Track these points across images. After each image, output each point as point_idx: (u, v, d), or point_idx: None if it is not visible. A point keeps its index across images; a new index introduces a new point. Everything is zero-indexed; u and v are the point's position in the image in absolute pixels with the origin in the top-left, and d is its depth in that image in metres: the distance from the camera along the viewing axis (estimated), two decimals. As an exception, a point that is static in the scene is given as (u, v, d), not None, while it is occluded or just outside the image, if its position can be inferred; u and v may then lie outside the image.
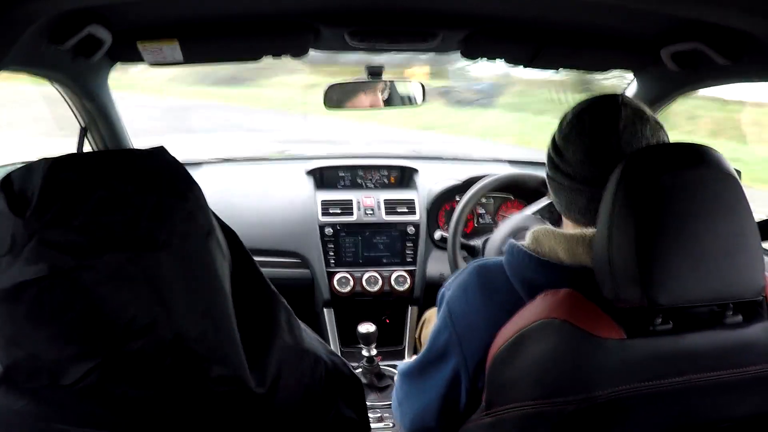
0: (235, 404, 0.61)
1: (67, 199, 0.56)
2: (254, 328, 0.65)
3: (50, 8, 1.04)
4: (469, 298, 0.93)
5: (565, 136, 0.92)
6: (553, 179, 0.95)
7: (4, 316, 0.56)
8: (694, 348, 0.81)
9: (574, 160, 0.91)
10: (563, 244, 0.88)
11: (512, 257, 0.92)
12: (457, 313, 0.94)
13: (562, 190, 0.94)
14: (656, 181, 0.76)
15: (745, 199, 0.79)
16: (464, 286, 0.94)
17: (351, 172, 2.33)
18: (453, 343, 0.93)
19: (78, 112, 1.72)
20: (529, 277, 0.88)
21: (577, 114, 0.93)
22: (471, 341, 0.91)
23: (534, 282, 0.87)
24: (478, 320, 0.91)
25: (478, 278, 0.94)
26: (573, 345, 0.78)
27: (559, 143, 0.94)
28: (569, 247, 0.88)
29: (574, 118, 0.93)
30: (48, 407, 0.56)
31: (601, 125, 0.90)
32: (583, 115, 0.92)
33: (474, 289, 0.93)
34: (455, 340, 0.93)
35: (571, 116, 0.93)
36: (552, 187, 0.97)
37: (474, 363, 0.91)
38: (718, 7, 1.00)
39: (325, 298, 2.09)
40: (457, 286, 0.96)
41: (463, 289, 0.94)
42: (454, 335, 0.93)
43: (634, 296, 0.77)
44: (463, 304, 0.93)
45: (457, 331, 0.93)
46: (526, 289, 0.88)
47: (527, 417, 0.81)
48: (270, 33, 1.43)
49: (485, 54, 1.59)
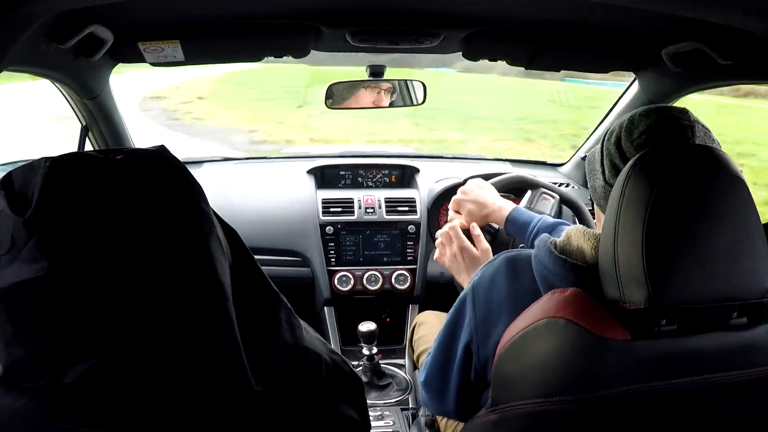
0: (236, 403, 0.61)
1: (68, 199, 0.56)
2: (255, 327, 0.65)
3: (52, 8, 1.04)
4: (495, 287, 0.95)
5: (639, 146, 0.91)
6: (612, 186, 0.93)
7: (4, 315, 0.56)
8: (699, 349, 0.81)
9: None
10: (591, 242, 0.89)
11: (538, 250, 0.93)
12: (480, 298, 0.96)
13: None
14: (663, 182, 0.76)
15: (752, 201, 0.79)
16: (493, 275, 0.97)
17: (352, 171, 2.33)
18: (471, 328, 0.96)
19: (79, 112, 1.72)
20: (545, 273, 0.89)
21: (654, 125, 0.91)
22: (487, 329, 0.93)
23: (548, 277, 0.88)
24: (499, 309, 0.93)
25: (506, 269, 0.96)
26: (578, 345, 0.79)
27: (629, 152, 0.92)
28: (595, 245, 0.89)
29: (649, 129, 0.91)
30: (48, 406, 0.57)
31: (677, 139, 0.89)
32: (660, 126, 0.91)
33: (501, 279, 0.95)
34: (473, 326, 0.96)
35: (645, 126, 0.92)
36: (606, 194, 0.95)
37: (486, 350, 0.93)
38: (719, 7, 1.00)
39: (326, 296, 2.09)
40: (487, 273, 0.98)
41: (491, 278, 0.96)
42: (473, 321, 0.96)
43: (639, 297, 0.77)
44: (488, 292, 0.96)
45: (477, 318, 0.96)
46: (543, 284, 0.89)
47: (531, 415, 0.81)
48: (271, 33, 1.43)
49: (486, 54, 1.59)
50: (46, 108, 7.23)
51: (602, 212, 0.98)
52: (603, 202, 0.97)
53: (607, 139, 0.98)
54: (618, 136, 0.95)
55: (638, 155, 0.81)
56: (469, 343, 0.97)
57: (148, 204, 0.59)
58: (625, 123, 0.95)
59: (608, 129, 0.99)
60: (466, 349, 0.98)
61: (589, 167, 1.03)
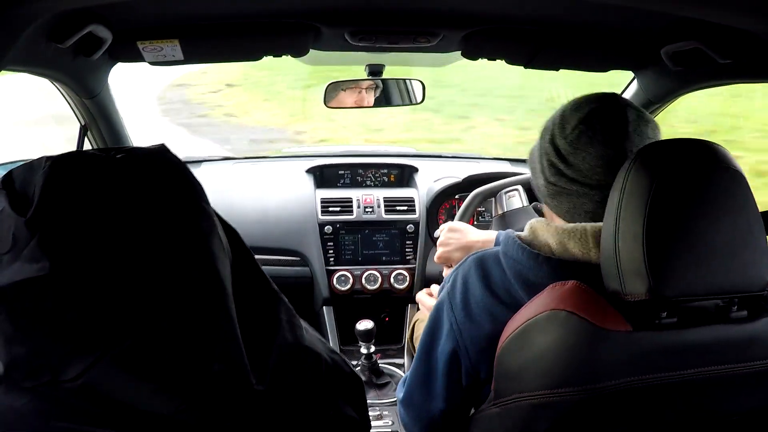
0: (236, 401, 0.62)
1: (69, 198, 0.56)
2: (255, 326, 0.66)
3: (51, 7, 1.04)
4: (468, 288, 0.95)
5: (572, 142, 0.91)
6: (555, 184, 0.94)
7: (5, 314, 0.56)
8: (700, 342, 0.82)
9: (584, 167, 0.90)
10: (555, 237, 0.90)
11: (506, 247, 0.94)
12: (458, 304, 0.95)
13: (566, 195, 0.93)
14: (663, 177, 0.77)
15: (751, 195, 0.80)
16: (465, 277, 0.96)
17: (351, 170, 2.33)
18: (453, 333, 0.95)
19: (78, 111, 1.72)
20: (520, 269, 0.90)
21: (584, 119, 0.91)
22: (471, 331, 0.93)
23: (525, 274, 0.89)
24: (477, 310, 0.93)
25: (476, 269, 0.95)
26: (579, 336, 0.79)
27: (564, 149, 0.92)
28: (560, 239, 0.89)
29: (581, 123, 0.91)
30: (48, 405, 0.57)
31: (612, 131, 0.89)
32: (592, 120, 0.90)
33: (473, 280, 0.95)
34: (456, 330, 0.95)
35: (577, 121, 0.91)
36: (550, 192, 0.96)
37: (475, 351, 0.93)
38: (718, 6, 1.00)
39: (325, 296, 2.09)
40: (459, 277, 0.97)
41: (464, 281, 0.96)
42: (455, 325, 0.95)
43: (640, 289, 0.77)
44: (463, 294, 0.95)
45: (457, 321, 0.95)
46: (519, 281, 0.90)
47: (534, 407, 0.82)
48: (270, 32, 1.43)
49: (486, 54, 1.59)
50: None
51: (550, 210, 0.98)
52: (549, 200, 0.97)
53: (542, 137, 0.97)
54: (552, 133, 0.95)
55: (638, 149, 0.81)
56: (455, 350, 0.95)
57: (149, 203, 0.59)
58: (557, 118, 0.95)
59: (544, 125, 0.98)
60: (452, 357, 0.96)
61: (530, 165, 1.02)
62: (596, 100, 0.93)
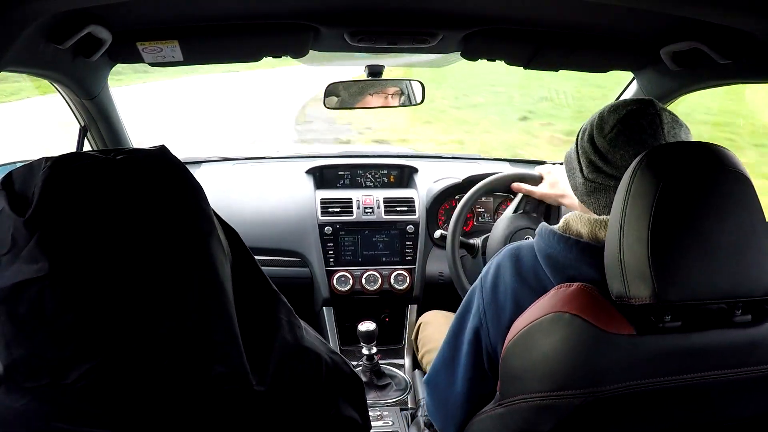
0: (236, 403, 0.61)
1: (68, 199, 0.56)
2: (255, 327, 0.66)
3: (50, 8, 1.04)
4: (500, 274, 0.99)
5: (611, 140, 0.95)
6: (594, 181, 0.98)
7: (5, 315, 0.56)
8: (703, 346, 0.82)
9: (622, 164, 0.93)
10: (587, 226, 0.93)
11: (540, 237, 0.98)
12: (488, 288, 1.00)
13: (604, 191, 0.97)
14: (669, 179, 0.77)
15: (757, 199, 0.80)
16: (498, 264, 1.01)
17: (350, 171, 2.33)
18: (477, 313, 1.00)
19: (77, 112, 1.72)
20: (551, 252, 0.94)
21: (622, 120, 0.95)
22: (493, 311, 0.97)
23: (554, 256, 0.93)
24: (503, 295, 0.96)
25: (511, 258, 0.99)
26: (583, 339, 0.79)
27: (603, 147, 0.96)
28: (591, 228, 0.93)
29: (619, 123, 0.95)
30: (48, 406, 0.57)
31: (648, 130, 0.93)
32: (629, 120, 0.95)
33: (506, 268, 0.99)
34: (481, 310, 0.99)
35: (615, 121, 0.96)
36: (588, 189, 0.99)
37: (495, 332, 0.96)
38: (718, 7, 1.00)
39: (325, 296, 2.09)
40: (493, 264, 1.02)
41: (496, 270, 1.00)
42: (481, 306, 1.00)
43: (645, 292, 0.77)
44: (494, 281, 0.99)
45: (484, 302, 0.99)
46: (548, 264, 0.93)
47: (537, 409, 0.82)
48: (270, 33, 1.43)
49: (485, 54, 1.59)
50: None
51: (588, 208, 1.01)
52: (586, 198, 1.01)
53: (581, 138, 1.02)
54: (590, 133, 0.99)
55: (644, 152, 0.82)
56: (478, 329, 1.00)
57: (149, 204, 0.59)
58: (596, 120, 1.00)
59: (581, 128, 1.03)
60: (475, 334, 1.01)
61: (567, 167, 1.06)
62: (633, 103, 0.98)
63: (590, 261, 0.88)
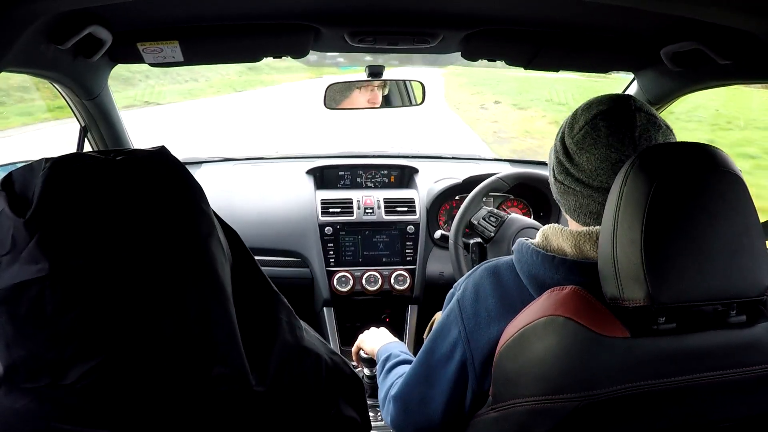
0: (236, 403, 0.61)
1: (68, 200, 0.56)
2: (255, 328, 0.66)
3: (50, 8, 1.04)
4: (480, 298, 0.93)
5: (578, 142, 0.90)
6: (562, 183, 0.93)
7: (5, 315, 0.56)
8: (698, 348, 0.81)
9: (588, 168, 0.89)
10: (570, 240, 0.89)
11: (521, 254, 0.92)
12: (468, 312, 0.93)
13: (572, 194, 0.93)
14: (662, 181, 0.76)
15: (750, 199, 0.80)
16: (476, 286, 0.94)
17: (351, 171, 2.33)
18: (461, 342, 0.93)
19: (78, 112, 1.72)
20: (535, 273, 0.89)
21: (591, 120, 0.90)
22: (479, 340, 0.91)
23: (540, 277, 0.88)
24: (488, 320, 0.91)
25: (489, 279, 0.93)
26: (577, 342, 0.79)
27: (570, 148, 0.91)
28: (575, 243, 0.89)
29: (587, 124, 0.90)
30: (49, 407, 0.57)
31: (617, 134, 0.88)
32: (598, 122, 0.89)
33: (486, 290, 0.93)
34: (464, 338, 0.93)
35: (584, 122, 0.91)
36: (559, 190, 0.95)
37: (480, 360, 0.91)
38: (718, 7, 1.00)
39: (325, 297, 2.09)
40: (470, 286, 0.95)
41: (475, 290, 0.94)
42: (463, 333, 0.93)
43: (639, 295, 0.77)
44: (474, 304, 0.93)
45: (467, 330, 0.93)
46: (533, 285, 0.88)
47: (532, 413, 0.81)
48: (270, 33, 1.43)
49: (485, 55, 1.59)
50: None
51: (562, 209, 0.97)
52: (559, 197, 0.96)
53: (557, 135, 0.97)
54: (563, 131, 0.95)
55: (636, 154, 0.81)
56: (464, 362, 0.93)
57: (149, 205, 0.59)
58: (570, 118, 0.94)
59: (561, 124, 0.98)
60: (460, 370, 0.94)
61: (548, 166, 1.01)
62: (607, 101, 0.92)
63: (580, 280, 0.84)
